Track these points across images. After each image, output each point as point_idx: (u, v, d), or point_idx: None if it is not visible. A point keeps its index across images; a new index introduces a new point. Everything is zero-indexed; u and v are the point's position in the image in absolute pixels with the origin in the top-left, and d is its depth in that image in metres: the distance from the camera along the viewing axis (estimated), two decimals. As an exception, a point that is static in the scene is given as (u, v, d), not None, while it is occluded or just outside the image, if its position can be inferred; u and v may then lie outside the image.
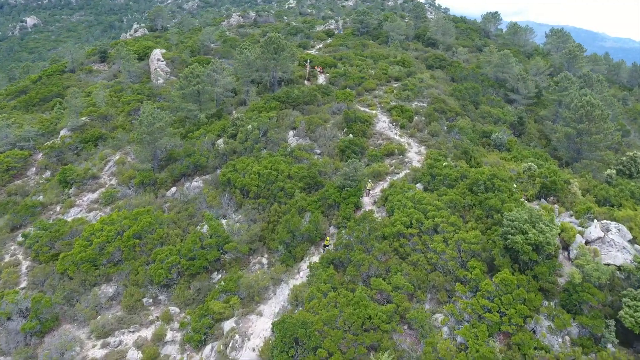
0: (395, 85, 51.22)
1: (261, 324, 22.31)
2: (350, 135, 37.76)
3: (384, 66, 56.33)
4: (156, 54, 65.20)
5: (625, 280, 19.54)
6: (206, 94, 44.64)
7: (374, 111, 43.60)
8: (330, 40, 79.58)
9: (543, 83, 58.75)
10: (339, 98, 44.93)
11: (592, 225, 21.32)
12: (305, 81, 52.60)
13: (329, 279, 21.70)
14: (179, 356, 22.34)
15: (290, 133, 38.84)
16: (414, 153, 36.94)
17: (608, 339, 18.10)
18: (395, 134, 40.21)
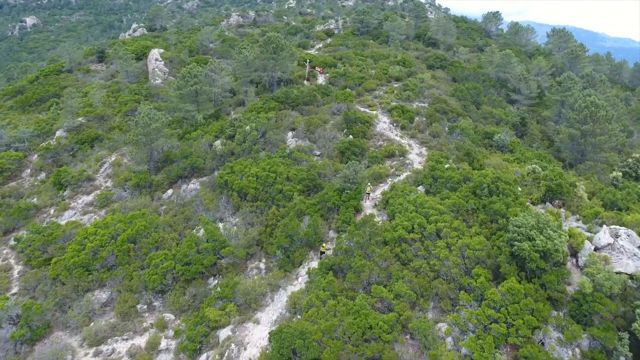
0: (396, 85, 50.58)
1: (258, 332, 21.58)
2: (350, 136, 37.07)
3: (384, 66, 55.69)
4: (154, 53, 64.54)
5: (638, 290, 18.70)
6: (204, 94, 43.97)
7: (375, 112, 42.99)
8: (330, 40, 78.99)
9: (545, 83, 58.12)
10: (339, 98, 44.27)
11: (601, 230, 20.49)
12: (304, 81, 51.96)
13: (328, 286, 20.94)
14: (173, 366, 21.64)
15: (289, 134, 38.13)
16: (415, 154, 36.33)
17: (621, 352, 17.31)
18: (396, 135, 39.56)
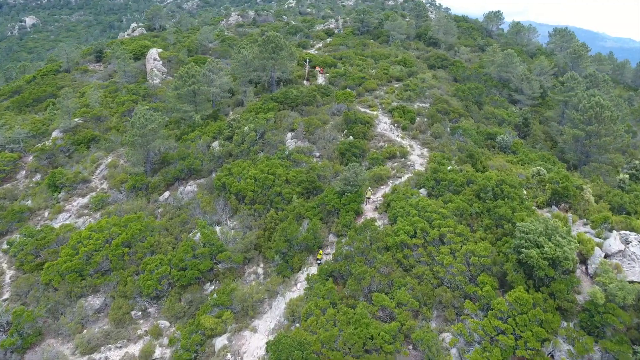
0: (397, 85, 49.91)
1: (255, 341, 20.88)
2: (351, 137, 36.37)
3: (385, 66, 55.01)
4: (152, 53, 63.79)
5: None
6: (202, 94, 43.25)
7: (375, 112, 42.32)
8: (330, 39, 78.34)
9: (547, 83, 57.41)
10: (339, 99, 43.58)
11: (612, 236, 19.72)
12: (304, 81, 51.28)
13: (328, 294, 20.21)
14: (167, 375, 20.94)
15: (289, 135, 37.43)
16: (416, 156, 35.66)
17: (636, 367, 16.40)
18: (397, 135, 38.89)
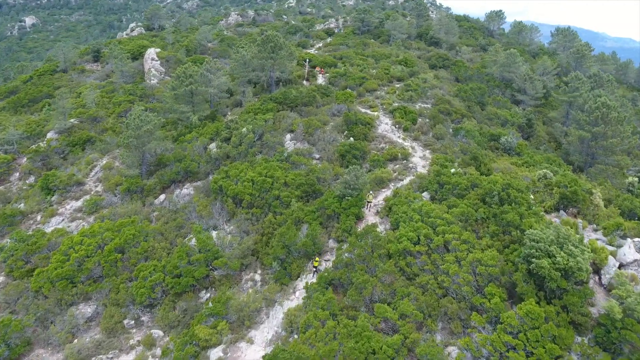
0: (398, 85, 49.03)
1: (252, 353, 19.98)
2: (351, 138, 35.48)
3: (385, 66, 54.12)
4: (150, 53, 62.89)
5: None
6: (199, 94, 42.37)
7: (376, 113, 41.47)
8: (330, 39, 77.49)
9: (550, 83, 56.50)
10: (339, 99, 42.69)
11: (626, 244, 18.76)
12: (304, 81, 50.40)
13: (328, 304, 19.29)
14: (160, 388, 20.06)
15: (288, 136, 36.53)
16: (418, 157, 34.80)
17: (656, 387, 15.39)
18: (399, 137, 38.00)
